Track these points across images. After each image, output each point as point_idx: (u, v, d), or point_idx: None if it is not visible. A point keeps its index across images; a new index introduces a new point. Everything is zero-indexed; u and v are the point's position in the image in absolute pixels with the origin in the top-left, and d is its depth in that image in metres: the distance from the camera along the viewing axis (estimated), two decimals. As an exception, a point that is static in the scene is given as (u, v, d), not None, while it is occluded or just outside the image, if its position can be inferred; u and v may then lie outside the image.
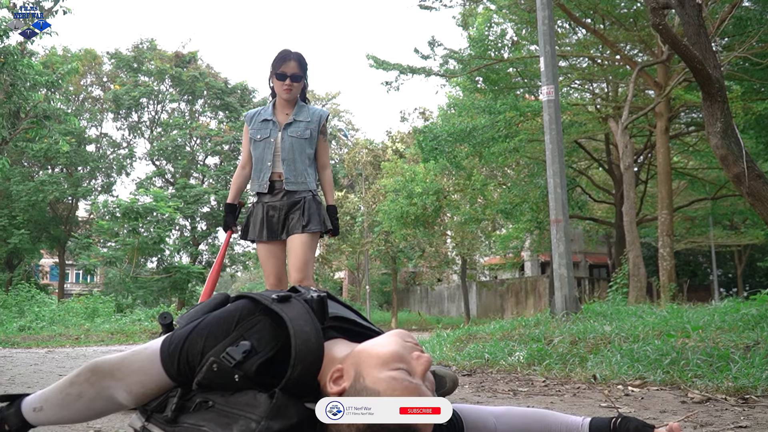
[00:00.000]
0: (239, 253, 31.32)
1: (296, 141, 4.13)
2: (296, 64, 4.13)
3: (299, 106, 4.24)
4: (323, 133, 4.28)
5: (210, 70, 32.10)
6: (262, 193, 4.15)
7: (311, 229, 4.05)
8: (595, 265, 36.66)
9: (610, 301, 10.55)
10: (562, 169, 7.01)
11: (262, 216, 4.13)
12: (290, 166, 4.10)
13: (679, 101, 15.70)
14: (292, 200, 4.10)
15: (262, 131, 4.20)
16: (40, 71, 17.51)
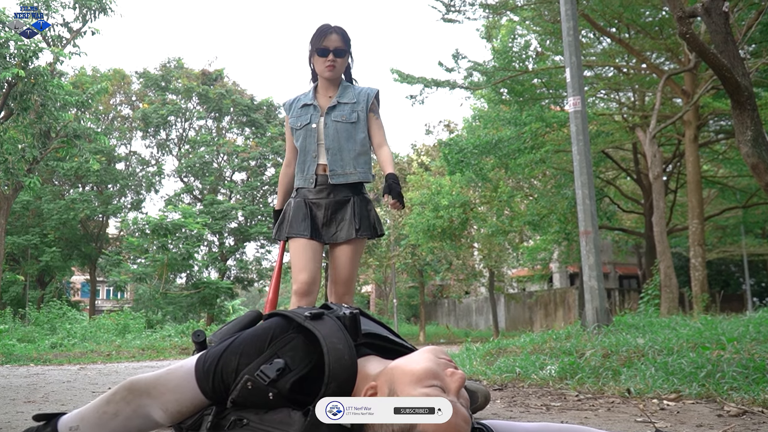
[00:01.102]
0: (267, 268, 31.43)
1: (341, 126, 3.64)
2: (339, 38, 3.66)
3: (344, 87, 3.75)
4: (373, 111, 3.76)
5: (236, 87, 32.36)
6: (305, 188, 3.65)
7: (361, 235, 3.56)
8: (625, 276, 36.32)
9: (642, 312, 10.44)
10: (591, 180, 6.96)
11: (305, 212, 3.60)
12: (335, 156, 3.60)
13: (707, 109, 15.55)
14: (338, 198, 3.60)
15: (302, 117, 3.71)
16: (70, 91, 17.76)
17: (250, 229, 29.28)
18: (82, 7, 18.03)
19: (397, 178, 3.58)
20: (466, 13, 15.54)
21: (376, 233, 3.65)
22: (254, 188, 30.75)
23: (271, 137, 30.42)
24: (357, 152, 3.64)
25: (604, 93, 20.22)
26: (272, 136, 30.48)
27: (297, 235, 3.58)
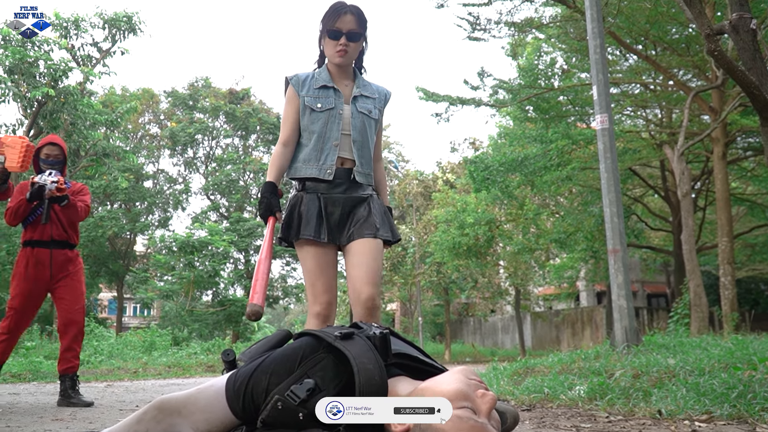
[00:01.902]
0: (292, 285, 31.49)
1: (366, 120, 3.28)
2: (354, 19, 3.22)
3: (360, 79, 3.37)
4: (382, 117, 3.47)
5: (262, 105, 32.63)
6: (319, 180, 3.21)
7: (382, 235, 3.18)
8: (654, 295, 35.93)
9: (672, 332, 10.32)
10: (619, 198, 6.92)
11: (319, 210, 3.17)
12: (360, 150, 3.23)
13: (735, 126, 15.40)
14: (356, 196, 3.21)
15: (323, 99, 3.25)
16: (100, 110, 18.01)
17: (275, 246, 29.31)
18: (111, 28, 18.30)
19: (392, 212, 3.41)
20: (492, 32, 15.55)
21: (395, 237, 3.28)
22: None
23: (297, 155, 30.53)
24: (372, 153, 3.34)
25: (631, 110, 20.10)
26: (298, 154, 30.57)
27: (312, 238, 3.15)
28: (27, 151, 4.65)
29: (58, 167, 5.41)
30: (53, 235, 5.40)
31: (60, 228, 5.44)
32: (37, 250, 5.35)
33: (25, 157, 4.66)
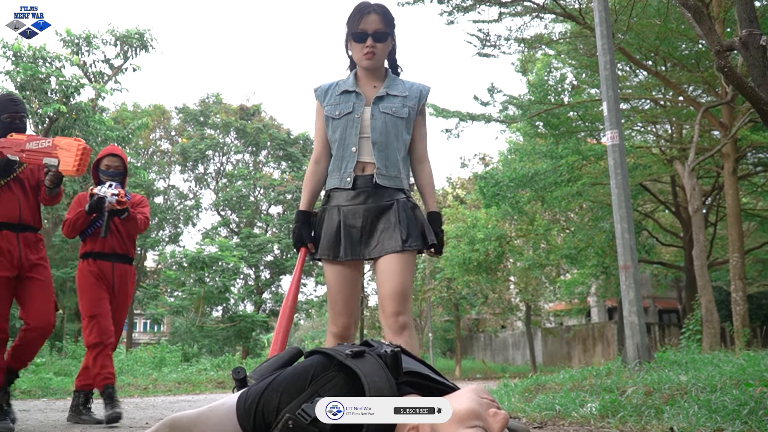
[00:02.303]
0: (301, 300, 31.48)
1: (391, 120, 3.05)
2: (379, 18, 3.06)
3: (391, 78, 3.18)
4: (423, 114, 3.19)
5: (273, 121, 32.76)
6: (339, 190, 3.07)
7: (410, 246, 2.93)
8: (665, 310, 35.74)
9: (683, 348, 10.26)
10: (630, 214, 6.90)
11: (337, 225, 3.01)
12: (383, 152, 3.01)
13: (745, 142, 15.37)
14: (380, 204, 2.99)
15: (342, 105, 3.11)
16: (112, 126, 18.11)
17: (285, 262, 29.40)
18: (123, 45, 18.44)
19: (441, 219, 3.11)
20: (502, 48, 15.61)
21: (427, 243, 3.01)
22: (290, 221, 30.90)
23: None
24: (402, 154, 3.08)
25: (641, 125, 20.08)
26: (308, 169, 30.70)
27: (332, 258, 3.02)
28: (83, 154, 4.35)
29: (119, 179, 5.32)
30: (115, 247, 5.27)
31: (120, 240, 5.32)
32: (99, 262, 5.20)
33: (82, 160, 4.35)
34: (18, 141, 4.44)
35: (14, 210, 4.53)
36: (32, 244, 4.61)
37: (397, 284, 2.90)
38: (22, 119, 4.68)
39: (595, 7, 7.45)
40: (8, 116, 4.59)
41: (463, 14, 14.30)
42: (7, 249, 4.44)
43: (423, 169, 3.14)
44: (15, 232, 4.51)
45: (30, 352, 4.68)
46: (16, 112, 4.63)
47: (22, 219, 4.56)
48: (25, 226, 4.59)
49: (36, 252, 4.63)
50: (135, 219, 5.27)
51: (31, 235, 4.62)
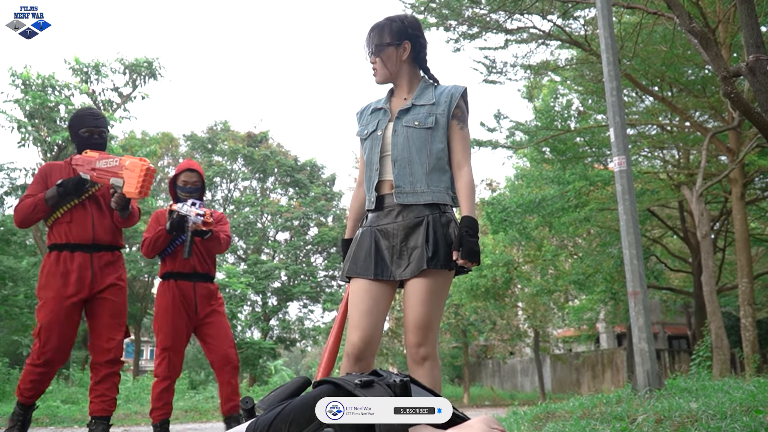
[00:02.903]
0: (309, 327, 31.39)
1: (413, 132, 2.94)
2: (374, 34, 3.05)
3: (423, 87, 3.08)
4: (457, 118, 3.02)
5: (280, 148, 32.90)
6: (372, 211, 3.00)
7: (437, 265, 2.80)
8: (675, 336, 35.50)
9: (693, 375, 10.19)
10: (638, 240, 6.88)
11: (369, 245, 2.91)
12: (403, 169, 2.91)
13: (753, 167, 15.35)
14: (410, 221, 2.87)
15: (369, 125, 3.09)
16: (120, 154, 18.19)
17: (293, 288, 29.38)
18: (132, 73, 18.57)
19: (476, 226, 2.87)
20: (508, 74, 15.68)
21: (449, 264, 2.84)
22: (297, 248, 30.95)
23: (315, 197, 30.76)
24: (431, 166, 2.94)
25: (648, 151, 20.09)
26: (315, 196, 30.81)
27: (357, 275, 2.92)
28: (147, 176, 4.10)
29: (197, 194, 5.19)
30: (196, 266, 5.09)
31: (201, 259, 5.13)
32: (180, 282, 5.02)
33: (144, 182, 4.10)
34: (90, 159, 4.27)
35: (87, 231, 4.34)
36: (109, 264, 4.42)
37: (419, 315, 2.82)
38: (102, 134, 4.50)
39: (601, 34, 7.48)
40: (86, 131, 4.42)
41: (469, 42, 14.39)
42: (79, 272, 4.27)
43: (460, 175, 2.98)
44: (89, 253, 4.33)
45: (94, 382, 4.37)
46: (95, 127, 4.45)
47: (96, 239, 4.36)
48: (100, 246, 4.39)
49: (113, 272, 4.44)
50: (218, 238, 5.09)
51: (107, 255, 4.42)
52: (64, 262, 4.28)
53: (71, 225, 4.32)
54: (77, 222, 4.33)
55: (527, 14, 13.88)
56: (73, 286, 4.25)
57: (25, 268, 22.44)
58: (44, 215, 4.34)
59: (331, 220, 31.94)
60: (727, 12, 12.72)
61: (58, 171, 4.44)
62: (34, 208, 4.27)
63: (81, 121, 4.44)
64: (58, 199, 4.28)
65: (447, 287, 2.95)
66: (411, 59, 3.10)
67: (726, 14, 12.84)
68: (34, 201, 4.28)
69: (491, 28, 14.16)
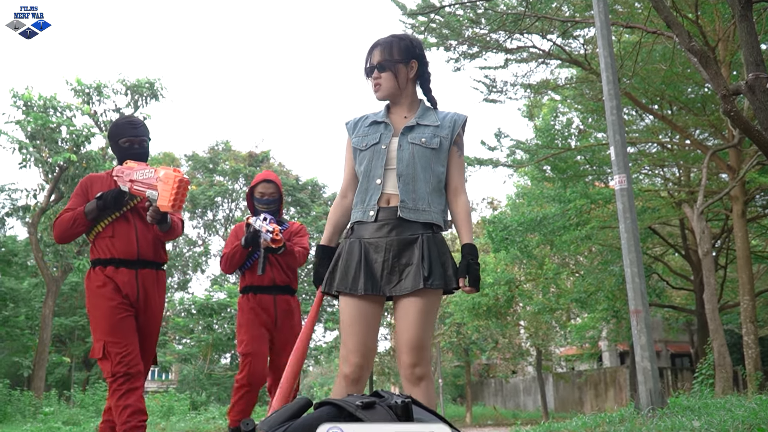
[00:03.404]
0: (310, 347, 31.28)
1: (420, 150, 2.95)
2: (380, 50, 3.04)
3: (424, 108, 3.09)
4: (458, 145, 3.08)
5: (282, 167, 32.96)
6: (362, 223, 2.95)
7: (431, 285, 2.79)
8: (677, 354, 35.35)
9: (696, 393, 10.15)
10: (639, 258, 6.88)
11: (359, 258, 2.87)
12: (408, 185, 2.90)
13: (753, 184, 15.36)
14: (404, 237, 2.85)
15: (369, 137, 3.04)
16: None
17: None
18: (134, 94, 18.66)
19: (477, 253, 2.91)
20: (508, 93, 15.75)
21: (449, 285, 2.85)
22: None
23: (316, 216, 30.76)
24: (432, 187, 2.95)
25: (649, 169, 20.12)
26: (317, 215, 30.82)
27: (347, 290, 2.87)
28: (180, 188, 3.78)
29: (274, 206, 5.08)
30: (275, 279, 4.95)
31: (281, 271, 4.98)
32: (259, 296, 4.91)
33: (178, 194, 3.79)
34: (129, 170, 4.03)
35: (131, 245, 4.07)
36: (153, 283, 4.15)
37: (414, 336, 2.80)
38: (142, 144, 4.22)
39: (601, 53, 7.52)
40: (126, 140, 4.17)
41: (469, 61, 14.46)
42: (125, 289, 4.01)
43: (458, 201, 3.01)
44: (134, 269, 4.06)
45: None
46: (134, 136, 4.18)
47: (140, 254, 4.09)
48: (145, 262, 4.12)
49: (158, 291, 4.21)
50: (292, 253, 4.92)
51: (151, 273, 4.16)
52: (110, 276, 4.03)
53: (114, 240, 4.07)
54: (120, 236, 4.08)
55: (527, 34, 13.96)
56: (122, 298, 4.00)
57: (26, 289, 22.42)
58: (84, 229, 4.09)
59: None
60: (727, 30, 12.78)
61: (99, 183, 4.19)
62: (73, 222, 4.02)
63: (120, 130, 4.21)
64: (97, 213, 4.04)
65: (438, 306, 2.94)
66: (415, 79, 3.12)
67: (726, 32, 12.90)
68: (73, 215, 4.03)
69: (491, 48, 14.24)
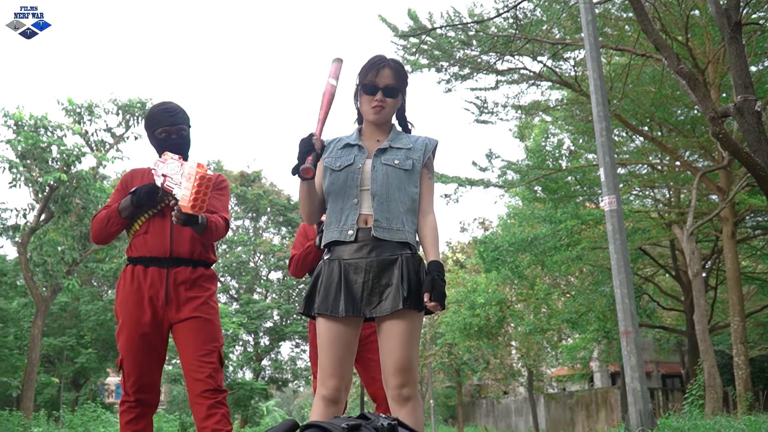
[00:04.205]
0: (301, 367, 31.13)
1: (393, 171, 2.95)
2: (392, 74, 2.99)
3: (395, 132, 3.09)
4: (428, 167, 3.05)
5: (273, 187, 33.00)
6: (340, 244, 2.91)
7: (412, 305, 2.78)
8: (668, 375, 35.31)
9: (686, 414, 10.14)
10: (629, 279, 6.90)
11: (338, 280, 2.84)
12: (383, 204, 2.89)
13: (743, 206, 15.43)
14: (383, 258, 2.84)
15: (343, 158, 3.00)
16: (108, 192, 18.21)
17: (285, 328, 29.22)
18: (125, 114, 18.63)
19: (443, 270, 2.88)
20: (499, 114, 15.84)
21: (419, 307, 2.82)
22: (290, 287, 30.84)
23: (307, 236, 30.73)
24: (407, 207, 2.94)
25: (639, 190, 20.20)
26: (308, 235, 30.78)
27: (326, 312, 2.83)
28: (200, 186, 3.28)
29: None
30: None
31: None
32: None
33: (198, 194, 3.28)
34: (163, 162, 3.62)
35: (164, 242, 3.65)
36: (188, 281, 3.66)
37: (401, 357, 2.78)
38: (180, 133, 3.79)
39: (591, 75, 7.58)
40: (162, 131, 3.75)
41: (460, 82, 14.55)
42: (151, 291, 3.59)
43: (426, 221, 2.98)
44: (165, 268, 3.62)
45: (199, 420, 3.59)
46: (171, 125, 3.76)
47: (173, 252, 3.64)
48: (179, 260, 3.65)
49: (197, 291, 3.67)
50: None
51: (186, 271, 3.66)
52: (137, 278, 3.64)
53: (147, 236, 3.68)
54: (154, 233, 3.68)
55: (518, 56, 14.06)
56: (147, 307, 3.59)
57: (15, 309, 22.28)
58: (120, 228, 3.73)
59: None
60: (717, 52, 12.90)
61: (140, 177, 3.82)
62: (108, 221, 3.69)
63: (154, 120, 3.79)
64: (132, 209, 3.67)
65: (420, 327, 2.92)
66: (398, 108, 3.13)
67: (716, 55, 13.03)
68: (108, 213, 3.69)
69: (482, 69, 14.33)
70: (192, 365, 3.61)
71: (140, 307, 3.59)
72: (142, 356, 3.62)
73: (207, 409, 3.53)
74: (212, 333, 3.66)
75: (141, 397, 3.64)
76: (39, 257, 17.01)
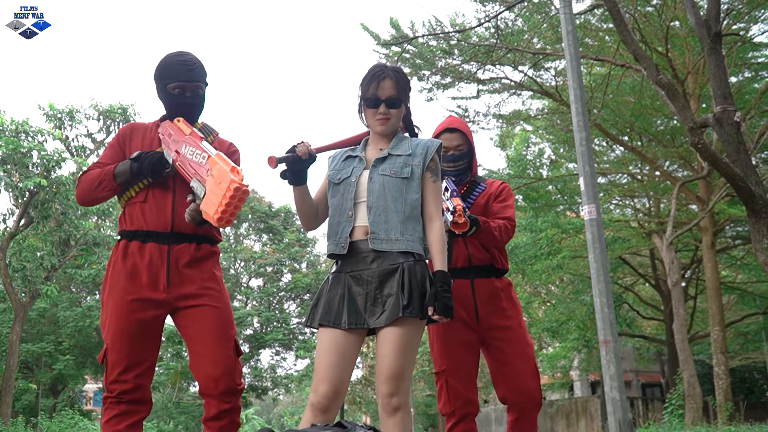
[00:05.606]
0: (281, 375, 30.99)
1: (390, 181, 2.91)
2: (393, 84, 2.96)
3: (398, 138, 3.06)
4: (431, 170, 2.99)
5: (254, 194, 32.85)
6: (342, 257, 2.91)
7: (409, 314, 2.72)
8: (648, 384, 35.45)
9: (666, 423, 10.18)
10: (609, 288, 6.91)
11: (342, 292, 2.85)
12: (379, 216, 2.87)
13: (723, 215, 15.56)
14: (384, 268, 2.82)
15: (343, 171, 3.01)
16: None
17: (265, 336, 29.08)
18: (106, 119, 18.54)
19: (449, 280, 2.82)
20: (481, 123, 15.89)
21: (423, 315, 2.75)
22: (270, 294, 30.71)
23: (288, 243, 30.65)
24: (406, 215, 2.89)
25: (619, 199, 20.32)
26: (289, 242, 30.71)
27: (329, 323, 2.82)
28: (233, 198, 2.63)
29: (463, 164, 3.71)
30: (471, 258, 3.73)
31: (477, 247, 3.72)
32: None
33: (229, 206, 2.65)
34: (179, 136, 3.08)
35: (165, 215, 3.13)
36: (196, 261, 3.15)
37: (392, 365, 2.73)
38: (197, 92, 3.23)
39: (571, 85, 7.60)
40: (177, 86, 3.19)
41: (442, 91, 14.60)
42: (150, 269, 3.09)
43: (432, 228, 2.91)
44: (166, 245, 3.11)
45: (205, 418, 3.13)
46: (188, 81, 3.19)
47: (176, 227, 3.12)
48: (182, 236, 3.14)
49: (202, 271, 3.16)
50: (488, 230, 3.41)
51: (189, 248, 3.15)
52: (132, 255, 3.12)
53: (145, 206, 3.16)
54: (153, 203, 3.16)
55: (499, 65, 14.12)
56: (144, 290, 3.08)
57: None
58: (110, 194, 3.23)
59: (305, 267, 31.82)
60: (697, 63, 13.02)
61: (140, 136, 3.30)
62: (98, 183, 3.18)
63: (169, 71, 3.19)
64: (129, 176, 3.15)
65: (419, 336, 2.87)
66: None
67: (696, 65, 13.14)
68: (100, 174, 3.17)
69: (464, 79, 14.38)
70: (205, 359, 3.13)
71: (136, 289, 3.09)
72: (136, 345, 3.11)
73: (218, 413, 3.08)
74: (225, 319, 3.19)
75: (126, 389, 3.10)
76: (18, 263, 16.85)
